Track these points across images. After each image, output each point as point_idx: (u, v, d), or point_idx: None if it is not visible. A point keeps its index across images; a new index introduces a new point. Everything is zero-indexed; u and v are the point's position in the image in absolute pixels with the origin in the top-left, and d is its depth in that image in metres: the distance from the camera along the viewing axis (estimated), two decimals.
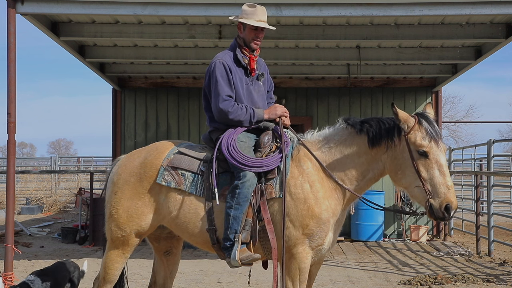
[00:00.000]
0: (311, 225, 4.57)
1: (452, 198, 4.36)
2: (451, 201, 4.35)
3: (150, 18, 9.41)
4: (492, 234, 10.75)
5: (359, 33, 9.98)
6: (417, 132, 4.48)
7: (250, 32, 4.93)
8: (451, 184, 4.40)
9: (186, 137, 13.40)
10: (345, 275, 8.79)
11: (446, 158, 4.52)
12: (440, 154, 4.45)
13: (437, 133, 4.49)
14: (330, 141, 4.74)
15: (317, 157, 4.70)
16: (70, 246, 11.92)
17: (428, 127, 4.48)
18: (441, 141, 4.51)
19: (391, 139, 4.55)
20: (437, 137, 4.47)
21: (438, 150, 4.45)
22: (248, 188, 4.59)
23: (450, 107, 41.75)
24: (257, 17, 4.90)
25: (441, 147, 4.48)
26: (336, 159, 4.67)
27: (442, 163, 4.43)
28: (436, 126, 4.51)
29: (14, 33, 7.41)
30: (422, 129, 4.49)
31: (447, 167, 4.47)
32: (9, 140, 7.36)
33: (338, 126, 4.79)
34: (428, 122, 4.51)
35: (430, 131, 4.47)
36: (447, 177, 4.41)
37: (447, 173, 4.42)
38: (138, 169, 4.91)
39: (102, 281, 4.99)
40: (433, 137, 4.45)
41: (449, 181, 4.41)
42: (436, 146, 4.45)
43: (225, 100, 4.79)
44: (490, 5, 7.70)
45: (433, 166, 4.43)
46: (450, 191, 4.37)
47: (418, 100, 13.60)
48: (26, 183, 23.01)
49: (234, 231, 4.59)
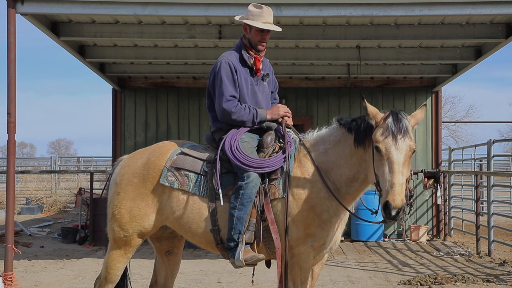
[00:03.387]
0: (312, 225, 4.57)
1: (391, 196, 4.12)
2: (390, 199, 4.11)
3: (150, 18, 9.41)
4: (492, 234, 10.75)
5: (359, 33, 9.98)
6: (379, 128, 4.33)
7: (256, 34, 4.93)
8: (397, 182, 4.13)
9: (186, 137, 13.40)
10: (345, 275, 8.79)
11: (404, 156, 4.22)
12: (395, 151, 4.21)
13: (399, 130, 4.25)
14: (326, 142, 4.73)
15: (315, 158, 4.68)
16: (70, 246, 11.92)
17: (390, 122, 4.28)
18: (403, 138, 4.24)
19: (369, 138, 4.43)
20: (397, 133, 4.24)
21: (393, 147, 4.22)
22: (252, 188, 4.59)
23: (450, 107, 41.81)
24: (264, 18, 4.89)
25: (399, 144, 4.23)
26: (332, 160, 4.64)
27: (394, 160, 4.19)
28: (403, 124, 4.28)
29: (14, 33, 7.40)
30: (385, 124, 4.30)
31: (401, 165, 4.19)
32: (9, 140, 7.36)
33: (332, 127, 4.78)
34: (395, 119, 4.30)
35: (390, 127, 4.26)
36: (396, 175, 4.15)
37: (397, 171, 4.16)
38: (141, 170, 4.91)
39: (103, 281, 4.99)
40: (391, 133, 4.24)
41: (396, 178, 4.14)
42: (391, 142, 4.23)
43: (229, 100, 4.79)
44: (490, 5, 7.69)
45: (384, 163, 4.23)
46: (393, 189, 4.12)
47: (418, 100, 13.60)
48: (26, 183, 23.00)
49: (238, 231, 4.59)
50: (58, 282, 8.37)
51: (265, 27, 4.87)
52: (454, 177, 15.20)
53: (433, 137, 13.57)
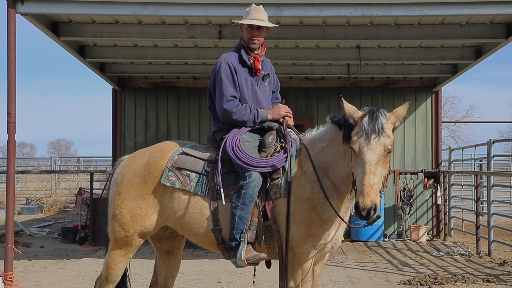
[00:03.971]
0: (313, 225, 4.57)
1: (360, 197, 4.10)
2: (360, 200, 4.09)
3: (150, 18, 9.41)
4: (492, 234, 10.75)
5: (359, 33, 9.99)
6: (356, 127, 4.31)
7: (247, 32, 4.95)
8: (367, 183, 4.10)
9: (186, 137, 13.40)
10: (345, 275, 8.79)
11: (377, 156, 4.18)
12: (367, 151, 4.17)
13: (373, 129, 4.20)
14: (322, 141, 4.72)
15: (314, 157, 4.67)
16: (70, 246, 11.92)
17: (365, 122, 4.24)
18: (377, 137, 4.19)
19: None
20: (371, 133, 4.19)
21: (365, 147, 4.18)
22: (254, 188, 4.59)
23: (450, 107, 41.83)
24: (251, 15, 4.91)
25: (372, 144, 4.18)
26: (329, 159, 4.62)
27: (366, 160, 4.16)
28: (378, 122, 4.22)
29: (14, 33, 7.40)
30: (360, 123, 4.26)
31: (373, 165, 4.16)
32: (9, 140, 7.36)
33: (327, 125, 4.77)
34: (370, 118, 4.24)
35: (364, 127, 4.22)
36: (366, 176, 4.12)
37: (368, 171, 4.13)
38: (142, 170, 4.91)
39: (104, 281, 4.99)
40: (365, 132, 4.20)
41: (367, 179, 4.11)
42: (364, 143, 4.19)
43: (229, 100, 4.80)
44: (490, 5, 7.70)
45: (358, 162, 4.21)
46: (363, 190, 4.10)
47: (418, 100, 13.60)
48: (26, 183, 23.00)
49: (240, 231, 4.59)
50: (58, 282, 8.37)
51: (251, 23, 4.87)
52: (454, 177, 15.19)
53: (433, 137, 13.58)
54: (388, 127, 4.30)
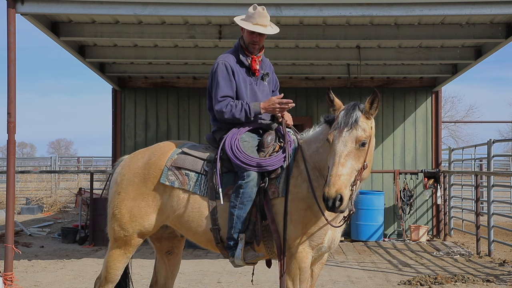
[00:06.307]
0: (310, 224, 4.57)
1: (326, 187, 4.16)
2: (325, 190, 4.15)
3: (150, 18, 9.41)
4: (492, 234, 10.75)
5: (359, 33, 9.98)
6: (335, 121, 4.43)
7: (248, 35, 4.96)
8: (334, 173, 4.17)
9: (186, 137, 13.41)
10: (345, 275, 8.79)
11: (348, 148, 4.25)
12: (338, 143, 4.26)
13: (346, 122, 4.29)
14: (317, 141, 4.73)
15: (309, 157, 4.68)
16: (70, 246, 11.92)
17: (341, 114, 4.35)
18: (350, 130, 4.27)
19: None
20: (343, 126, 4.29)
21: (337, 139, 4.27)
22: (252, 188, 4.61)
23: (450, 107, 41.87)
24: (255, 20, 4.90)
25: (344, 136, 4.27)
26: (323, 158, 4.60)
27: (336, 151, 4.24)
28: (352, 116, 4.30)
29: (14, 33, 7.41)
30: (337, 117, 4.39)
31: (343, 156, 4.23)
32: (9, 140, 7.36)
33: (321, 125, 4.79)
34: (346, 112, 4.35)
35: (340, 120, 4.33)
36: (335, 166, 4.19)
37: (337, 162, 4.20)
38: (142, 169, 4.92)
39: (103, 281, 5.00)
40: (339, 125, 4.31)
41: (334, 170, 4.18)
42: (337, 135, 4.29)
43: (220, 101, 4.83)
44: (490, 5, 7.70)
45: (331, 154, 4.31)
46: (329, 179, 4.17)
47: (418, 100, 13.61)
48: (26, 183, 23.00)
49: (238, 230, 4.61)
50: (58, 282, 8.37)
51: (254, 29, 4.88)
52: (454, 177, 15.19)
53: (433, 137, 13.58)
54: (364, 121, 4.35)
